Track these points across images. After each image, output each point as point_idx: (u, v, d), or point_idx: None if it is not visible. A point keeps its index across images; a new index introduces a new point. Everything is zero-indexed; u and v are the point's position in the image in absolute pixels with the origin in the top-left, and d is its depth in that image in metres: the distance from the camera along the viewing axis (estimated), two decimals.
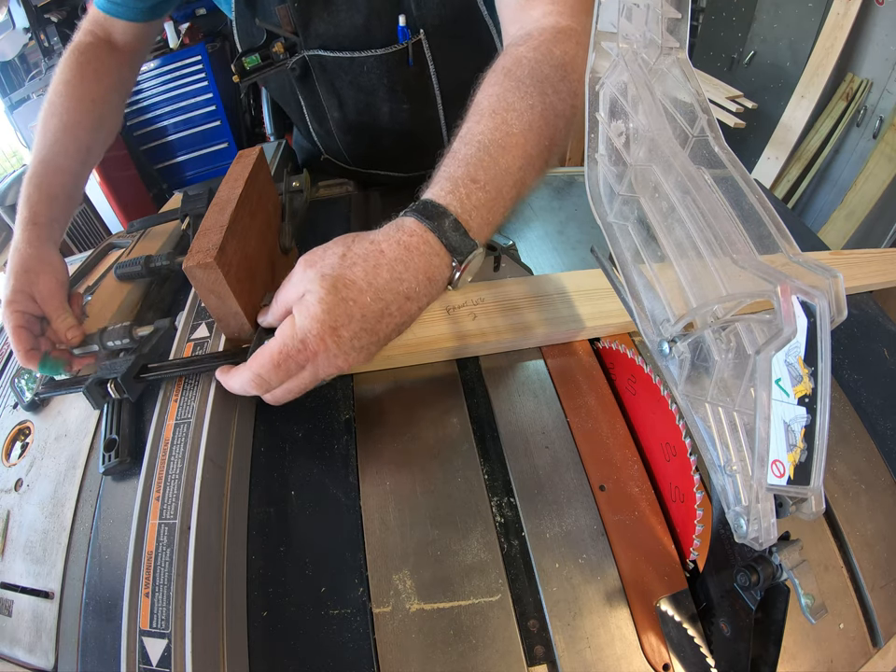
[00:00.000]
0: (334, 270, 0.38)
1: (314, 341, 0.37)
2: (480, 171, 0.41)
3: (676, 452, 0.41)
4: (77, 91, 0.66)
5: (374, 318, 0.38)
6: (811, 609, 0.29)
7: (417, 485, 0.43)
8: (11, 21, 1.92)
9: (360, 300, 0.37)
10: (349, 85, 0.75)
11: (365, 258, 0.39)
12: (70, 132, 0.64)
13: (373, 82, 0.73)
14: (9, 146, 2.31)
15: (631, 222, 0.38)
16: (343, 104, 0.78)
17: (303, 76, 0.75)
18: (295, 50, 0.72)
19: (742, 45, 2.19)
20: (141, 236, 0.70)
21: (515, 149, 0.43)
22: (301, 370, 0.39)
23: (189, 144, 2.26)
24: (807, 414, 0.27)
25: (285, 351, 0.38)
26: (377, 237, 0.40)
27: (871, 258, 0.67)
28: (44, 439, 0.52)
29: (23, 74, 2.16)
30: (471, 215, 0.41)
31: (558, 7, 0.51)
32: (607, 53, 0.39)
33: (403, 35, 0.68)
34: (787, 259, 0.29)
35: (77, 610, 0.40)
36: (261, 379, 0.39)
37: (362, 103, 0.77)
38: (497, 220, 0.43)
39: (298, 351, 0.38)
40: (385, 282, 0.38)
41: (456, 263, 0.41)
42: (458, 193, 0.41)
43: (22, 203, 0.58)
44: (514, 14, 0.54)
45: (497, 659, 0.36)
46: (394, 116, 0.78)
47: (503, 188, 0.43)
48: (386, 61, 0.71)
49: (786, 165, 2.01)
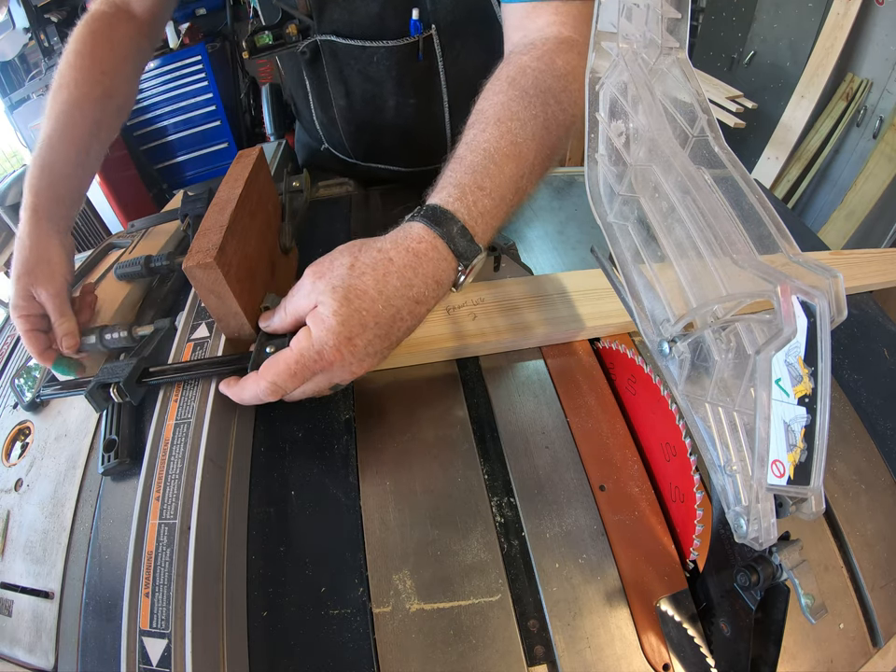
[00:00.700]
0: (344, 281, 0.39)
1: (330, 352, 0.38)
2: (486, 179, 0.43)
3: (676, 452, 0.41)
4: (87, 61, 0.63)
5: (387, 325, 0.39)
6: (811, 609, 0.29)
7: (417, 485, 0.43)
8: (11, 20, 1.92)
9: (373, 308, 0.38)
10: (358, 74, 0.75)
11: (374, 266, 0.39)
12: (78, 105, 0.61)
13: (382, 73, 0.74)
14: (9, 146, 2.31)
15: (631, 222, 0.38)
16: (349, 92, 0.78)
17: (313, 60, 0.76)
18: (308, 34, 0.73)
19: (742, 45, 2.19)
20: (141, 236, 0.70)
21: (519, 159, 0.45)
22: (316, 375, 0.40)
23: (189, 144, 2.25)
24: (807, 414, 0.27)
25: (301, 361, 0.39)
26: (384, 245, 0.41)
27: (871, 258, 0.68)
28: (44, 439, 0.52)
29: (23, 74, 2.16)
30: (477, 221, 0.42)
31: (562, 18, 0.52)
32: (607, 53, 0.39)
33: (415, 28, 0.69)
34: (787, 258, 0.29)
35: (77, 610, 0.40)
36: (277, 387, 0.40)
37: (369, 93, 0.77)
38: (499, 225, 0.45)
39: (314, 361, 0.39)
40: (396, 289, 0.39)
41: (462, 267, 0.42)
42: (466, 200, 0.42)
43: (27, 184, 0.56)
44: (519, 21, 0.55)
45: (497, 659, 0.36)
46: (399, 109, 0.78)
47: (506, 195, 0.44)
48: (397, 52, 0.71)
49: (786, 165, 2.01)
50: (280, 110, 1.13)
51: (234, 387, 0.42)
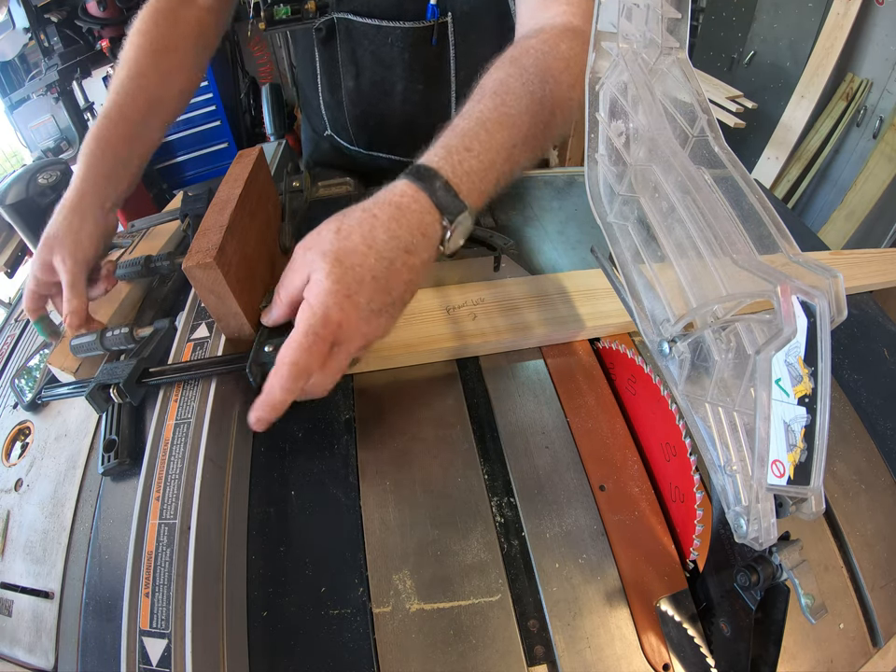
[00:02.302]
0: (333, 245, 0.39)
1: (334, 311, 0.38)
2: (475, 142, 0.43)
3: (676, 452, 0.41)
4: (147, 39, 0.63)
5: (384, 278, 0.39)
6: (811, 609, 0.29)
7: (417, 485, 0.43)
8: (11, 20, 1.91)
9: (365, 263, 0.38)
10: (370, 56, 0.77)
11: (360, 224, 0.40)
12: (136, 80, 0.61)
13: (394, 56, 0.75)
14: (9, 146, 2.31)
15: (631, 222, 0.38)
16: (359, 73, 0.79)
17: (327, 38, 0.77)
18: (326, 11, 0.74)
19: (742, 45, 2.19)
20: (141, 236, 0.70)
21: (511, 128, 0.45)
22: (332, 347, 0.39)
23: (189, 144, 2.25)
24: (807, 414, 0.27)
25: (310, 331, 0.38)
26: (367, 204, 0.41)
27: (871, 258, 0.68)
28: (44, 439, 0.52)
29: (23, 74, 2.15)
30: (462, 180, 0.42)
31: (572, 9, 0.55)
32: (607, 53, 0.39)
33: (432, 13, 0.70)
34: (787, 258, 0.29)
35: (77, 610, 0.40)
36: (298, 367, 0.38)
37: (378, 76, 0.78)
38: (488, 189, 0.45)
39: (322, 327, 0.38)
40: (384, 241, 0.39)
41: (447, 223, 0.41)
42: (451, 159, 0.42)
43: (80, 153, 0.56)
44: (532, 12, 0.58)
45: (497, 659, 0.36)
46: (406, 95, 0.79)
47: (496, 160, 0.44)
48: (412, 35, 0.72)
49: (786, 165, 2.01)
50: (280, 110, 1.13)
51: (259, 399, 0.39)
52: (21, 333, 0.66)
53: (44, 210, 1.50)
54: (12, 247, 1.77)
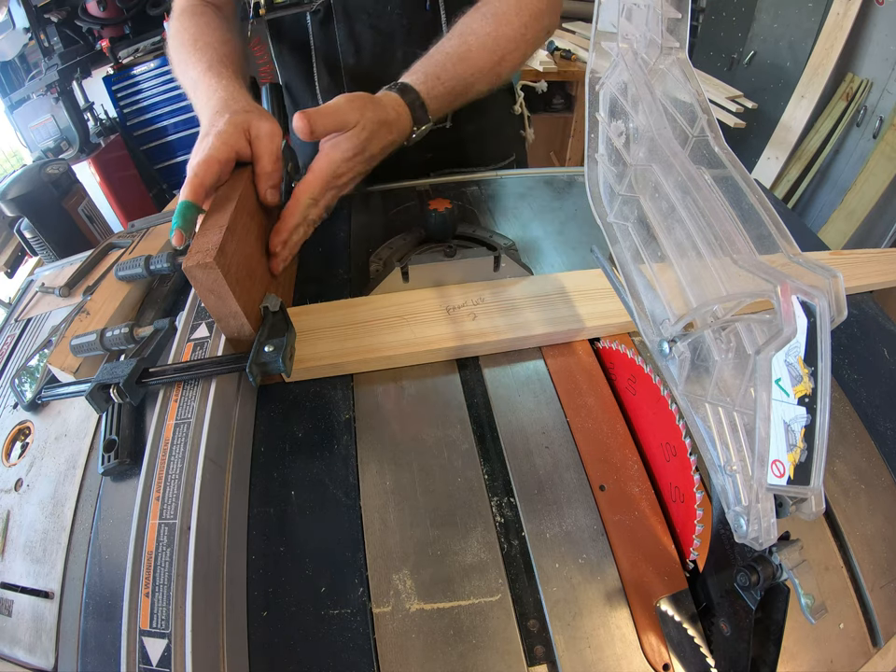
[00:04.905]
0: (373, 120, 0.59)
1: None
2: (444, 72, 0.65)
3: (676, 452, 0.41)
4: (194, 30, 0.70)
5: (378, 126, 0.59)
6: (811, 609, 0.29)
7: (417, 485, 0.43)
8: (11, 21, 1.92)
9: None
10: (369, 29, 0.80)
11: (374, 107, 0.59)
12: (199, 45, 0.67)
13: (393, 23, 0.79)
14: (9, 146, 2.31)
15: (631, 222, 0.38)
16: (359, 49, 0.82)
17: (325, 20, 0.80)
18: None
19: (742, 45, 2.19)
20: (141, 236, 0.70)
21: (469, 62, 0.66)
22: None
23: (189, 144, 2.24)
24: (807, 414, 0.27)
25: (358, 147, 0.58)
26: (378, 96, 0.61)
27: (871, 258, 0.68)
28: (44, 439, 0.52)
29: (23, 74, 2.15)
30: (430, 101, 0.63)
31: None
32: (607, 53, 0.39)
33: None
34: (787, 258, 0.29)
35: (77, 610, 0.40)
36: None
37: (379, 46, 0.81)
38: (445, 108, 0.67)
39: (366, 140, 0.58)
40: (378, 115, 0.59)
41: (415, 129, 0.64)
42: (427, 85, 0.63)
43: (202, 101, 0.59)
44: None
45: (496, 659, 0.36)
46: (406, 62, 0.82)
47: (456, 87, 0.66)
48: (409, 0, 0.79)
49: (786, 165, 2.02)
50: (280, 110, 1.13)
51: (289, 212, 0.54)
52: (21, 333, 0.66)
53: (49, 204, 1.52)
54: (12, 247, 1.78)
